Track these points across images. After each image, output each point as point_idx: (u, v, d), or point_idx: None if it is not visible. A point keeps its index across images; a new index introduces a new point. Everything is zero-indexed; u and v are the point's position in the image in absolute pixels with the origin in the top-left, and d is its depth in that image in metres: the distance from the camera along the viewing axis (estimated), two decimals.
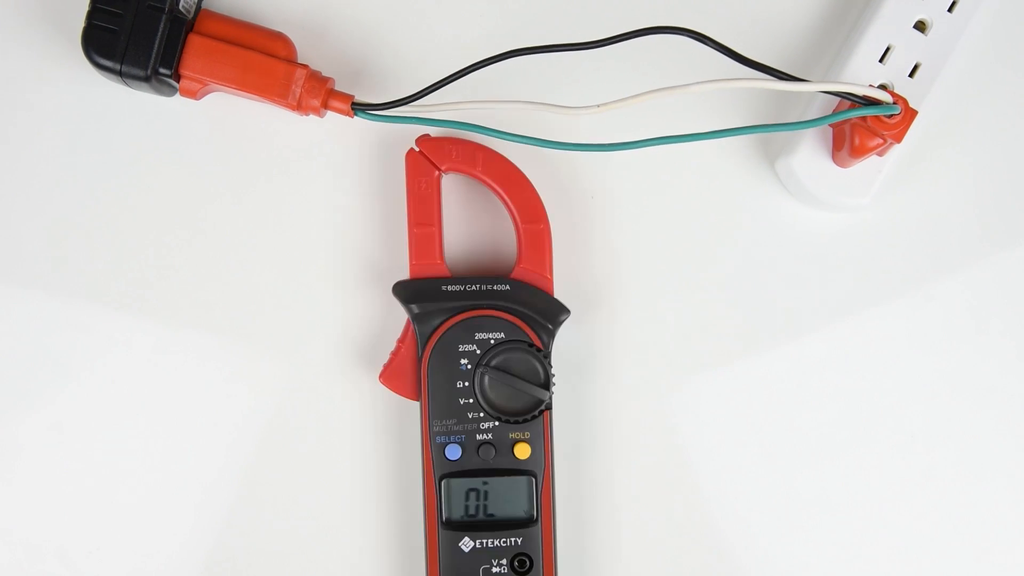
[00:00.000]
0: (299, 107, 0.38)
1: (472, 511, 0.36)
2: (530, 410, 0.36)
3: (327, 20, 0.41)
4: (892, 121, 0.36)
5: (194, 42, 0.37)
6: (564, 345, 0.40)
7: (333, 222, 0.41)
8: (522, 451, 0.37)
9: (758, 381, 0.42)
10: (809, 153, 0.39)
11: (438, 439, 0.36)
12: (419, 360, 0.37)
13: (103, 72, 0.37)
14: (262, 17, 0.40)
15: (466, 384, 0.36)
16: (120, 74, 0.37)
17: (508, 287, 0.37)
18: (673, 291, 0.41)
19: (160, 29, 0.37)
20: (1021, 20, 0.42)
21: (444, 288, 0.37)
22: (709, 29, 0.36)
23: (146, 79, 0.37)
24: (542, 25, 0.41)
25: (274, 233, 0.41)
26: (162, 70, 0.37)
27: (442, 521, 0.36)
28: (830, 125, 0.39)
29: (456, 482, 0.36)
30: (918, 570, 0.42)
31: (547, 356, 0.37)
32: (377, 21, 0.41)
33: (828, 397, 0.42)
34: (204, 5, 0.39)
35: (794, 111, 0.41)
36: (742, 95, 0.41)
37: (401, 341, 0.37)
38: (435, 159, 0.38)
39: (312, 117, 0.39)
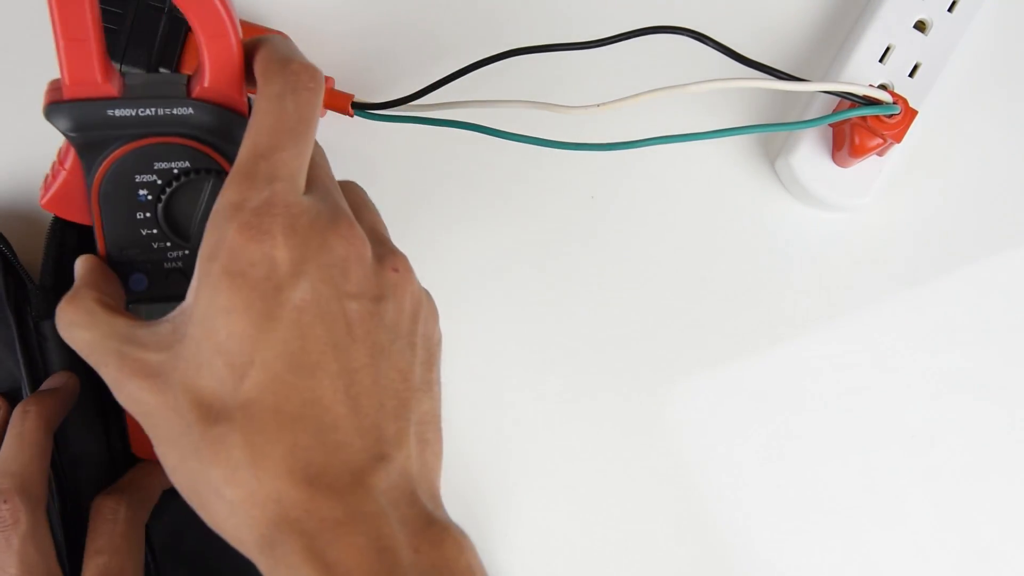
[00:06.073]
0: None
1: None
2: None
3: (327, 20, 0.41)
4: (892, 121, 0.36)
5: (194, 42, 0.37)
6: (562, 340, 0.40)
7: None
8: None
9: (757, 380, 0.42)
10: (809, 153, 0.39)
11: (120, 269, 0.32)
12: (88, 191, 0.32)
13: None
14: (262, 17, 0.40)
15: (147, 215, 0.32)
16: (120, 74, 0.37)
17: (191, 111, 0.31)
18: (672, 290, 0.41)
19: (160, 29, 0.37)
20: (1021, 20, 0.42)
21: (110, 112, 0.30)
22: (709, 29, 0.36)
23: None
24: (542, 25, 0.41)
25: None
26: (162, 69, 0.37)
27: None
28: (830, 125, 0.39)
29: (146, 308, 0.33)
30: (919, 570, 0.42)
31: None
32: (377, 21, 0.41)
33: (827, 397, 0.42)
34: None
35: (794, 111, 0.41)
36: (742, 95, 0.41)
37: (61, 164, 0.32)
38: None
39: None
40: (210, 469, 0.25)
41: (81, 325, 0.28)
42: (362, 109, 0.38)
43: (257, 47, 0.29)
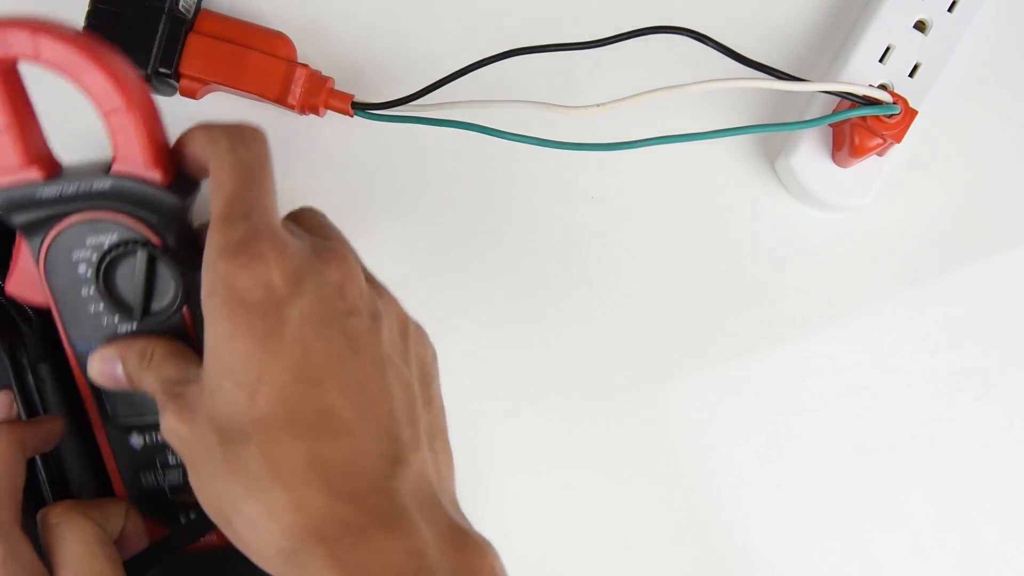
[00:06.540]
0: (299, 107, 0.38)
1: (135, 408, 0.34)
2: (165, 310, 0.33)
3: (327, 20, 0.41)
4: (892, 121, 0.36)
5: (194, 42, 0.37)
6: (561, 340, 0.40)
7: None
8: None
9: (757, 381, 0.42)
10: (809, 153, 0.39)
11: (79, 347, 0.34)
12: (38, 270, 0.33)
13: None
14: (262, 17, 0.40)
15: (91, 291, 0.33)
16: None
17: (109, 185, 0.32)
18: (672, 290, 0.41)
19: (160, 29, 0.37)
20: (1021, 20, 0.42)
21: (38, 195, 0.32)
22: (709, 29, 0.36)
23: (146, 79, 0.37)
24: (542, 25, 0.41)
25: None
26: (162, 69, 0.37)
27: (107, 421, 0.34)
28: (830, 125, 0.39)
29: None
30: (919, 570, 0.42)
31: (170, 251, 0.33)
32: (377, 21, 0.41)
33: (827, 397, 0.42)
34: (204, 5, 0.39)
35: (794, 111, 0.41)
36: (742, 95, 0.41)
37: (17, 249, 0.34)
38: None
39: (312, 117, 0.39)
40: (232, 486, 0.25)
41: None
42: (362, 109, 0.38)
43: (190, 130, 0.31)
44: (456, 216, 0.41)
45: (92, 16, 0.37)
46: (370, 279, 0.30)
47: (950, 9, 0.39)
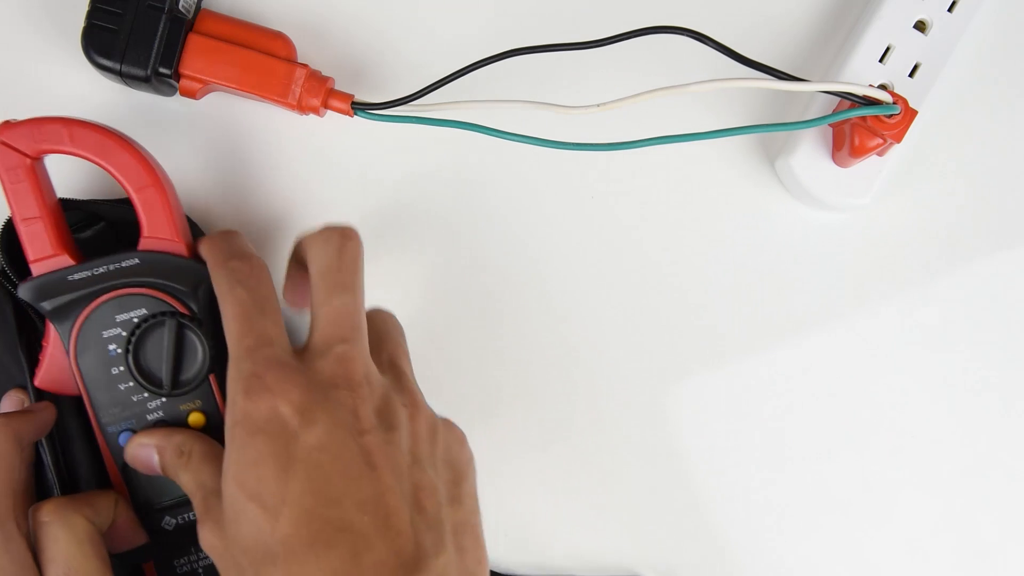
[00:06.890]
0: (299, 107, 0.38)
1: (165, 491, 0.35)
2: (193, 379, 0.34)
3: (327, 20, 0.41)
4: (892, 121, 0.36)
5: (194, 42, 0.37)
6: (560, 341, 0.40)
7: (331, 220, 0.41)
8: (196, 420, 0.35)
9: (757, 381, 0.42)
10: (809, 153, 0.39)
11: (109, 429, 0.35)
12: (69, 358, 0.34)
13: (103, 72, 0.37)
14: (262, 17, 0.40)
15: (120, 369, 0.34)
16: (120, 74, 0.37)
17: (137, 261, 0.34)
18: (672, 290, 0.41)
19: (160, 29, 0.37)
20: (1021, 20, 0.42)
21: (70, 278, 0.34)
22: (709, 29, 0.36)
23: (146, 79, 0.37)
24: (542, 25, 0.41)
25: (272, 232, 0.41)
26: (162, 69, 0.37)
27: (140, 506, 0.35)
28: (830, 125, 0.39)
29: None
30: (919, 569, 0.42)
31: (196, 319, 0.34)
32: (377, 21, 0.41)
33: (827, 397, 0.42)
34: (204, 5, 0.39)
35: (794, 111, 0.41)
36: (742, 95, 0.41)
37: (46, 340, 0.35)
38: (21, 147, 0.34)
39: (312, 117, 0.39)
40: None
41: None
42: (362, 109, 0.38)
43: (198, 243, 0.34)
44: (456, 216, 0.41)
45: (92, 16, 0.37)
46: (400, 384, 0.32)
47: (950, 9, 0.39)
